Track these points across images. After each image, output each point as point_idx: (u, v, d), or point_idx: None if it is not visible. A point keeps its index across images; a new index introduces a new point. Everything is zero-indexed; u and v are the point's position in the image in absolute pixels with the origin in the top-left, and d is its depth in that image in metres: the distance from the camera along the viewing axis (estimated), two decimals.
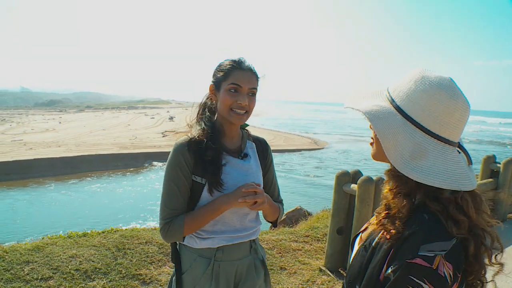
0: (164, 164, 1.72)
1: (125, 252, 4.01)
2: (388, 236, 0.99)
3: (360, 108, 1.03)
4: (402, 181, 1.02)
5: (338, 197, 4.11)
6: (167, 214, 1.64)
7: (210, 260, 1.69)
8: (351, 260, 1.15)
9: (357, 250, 1.13)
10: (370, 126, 1.16)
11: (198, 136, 1.64)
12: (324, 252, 4.47)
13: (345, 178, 4.08)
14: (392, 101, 1.02)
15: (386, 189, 1.11)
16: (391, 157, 0.99)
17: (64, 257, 3.74)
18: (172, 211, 1.64)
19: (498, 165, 6.12)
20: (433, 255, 0.89)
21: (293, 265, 4.28)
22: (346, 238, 4.13)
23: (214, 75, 1.71)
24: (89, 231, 4.52)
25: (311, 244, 4.89)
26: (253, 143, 1.88)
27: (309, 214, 7.19)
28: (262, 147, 1.91)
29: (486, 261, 0.98)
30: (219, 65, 1.70)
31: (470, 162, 1.04)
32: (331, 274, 4.07)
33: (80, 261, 3.72)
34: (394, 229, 0.98)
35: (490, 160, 6.30)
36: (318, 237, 5.11)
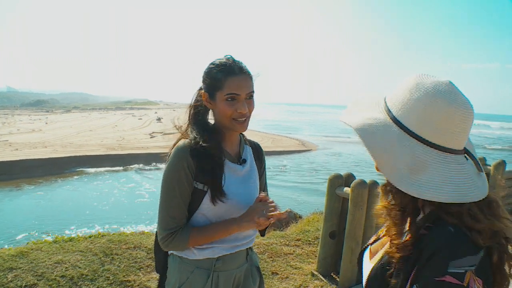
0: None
1: (112, 257, 3.90)
2: (401, 253, 0.92)
3: (351, 124, 0.97)
4: (398, 196, 0.96)
5: (331, 200, 4.05)
6: (169, 223, 1.54)
7: (209, 271, 1.61)
8: (366, 280, 1.07)
9: (373, 269, 1.05)
10: None
11: (201, 141, 1.54)
12: (315, 256, 4.41)
13: (338, 181, 4.02)
14: (389, 112, 0.96)
15: (380, 204, 1.04)
16: (386, 172, 0.92)
17: (49, 263, 3.62)
18: (175, 220, 1.54)
19: (489, 167, 6.11)
20: (463, 271, 0.82)
21: (284, 270, 4.21)
22: (338, 242, 4.08)
23: (205, 83, 1.60)
24: (75, 236, 4.41)
25: (302, 248, 4.82)
26: (250, 148, 1.81)
27: (300, 217, 7.13)
28: (258, 151, 1.85)
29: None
30: (209, 72, 1.58)
31: (479, 169, 0.97)
32: (323, 279, 4.01)
33: (66, 267, 3.60)
34: (400, 251, 0.92)
35: (481, 162, 6.28)
36: (310, 240, 5.05)
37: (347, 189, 3.87)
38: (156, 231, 1.62)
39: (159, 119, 51.18)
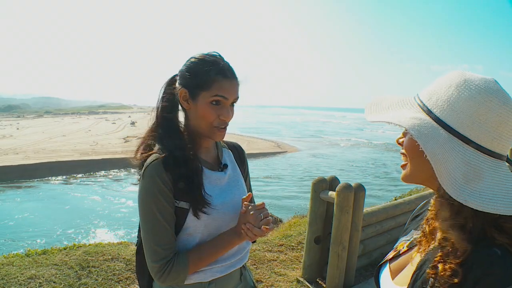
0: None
1: (89, 270, 3.71)
2: (451, 280, 0.80)
3: (401, 123, 0.83)
4: (454, 210, 0.83)
5: (315, 205, 3.95)
6: (159, 254, 1.32)
7: None
8: None
9: None
10: (398, 141, 0.95)
11: (175, 151, 1.35)
12: (300, 262, 4.32)
13: (322, 185, 3.93)
14: (429, 112, 0.83)
15: (438, 221, 0.88)
16: (444, 182, 0.78)
17: (22, 279, 3.41)
18: (166, 248, 1.32)
19: None
20: None
21: (269, 277, 4.09)
22: (324, 247, 3.99)
23: (186, 78, 1.37)
24: (48, 248, 4.19)
25: (285, 254, 4.72)
26: (229, 151, 1.63)
27: (280, 220, 7.03)
28: (239, 153, 1.67)
29: None
30: (195, 66, 1.36)
31: None
32: (309, 286, 3.91)
33: (40, 283, 3.40)
34: (455, 275, 0.78)
35: None
36: (293, 245, 4.95)
37: (332, 193, 3.79)
38: (147, 263, 1.39)
39: (133, 123, 50.73)
